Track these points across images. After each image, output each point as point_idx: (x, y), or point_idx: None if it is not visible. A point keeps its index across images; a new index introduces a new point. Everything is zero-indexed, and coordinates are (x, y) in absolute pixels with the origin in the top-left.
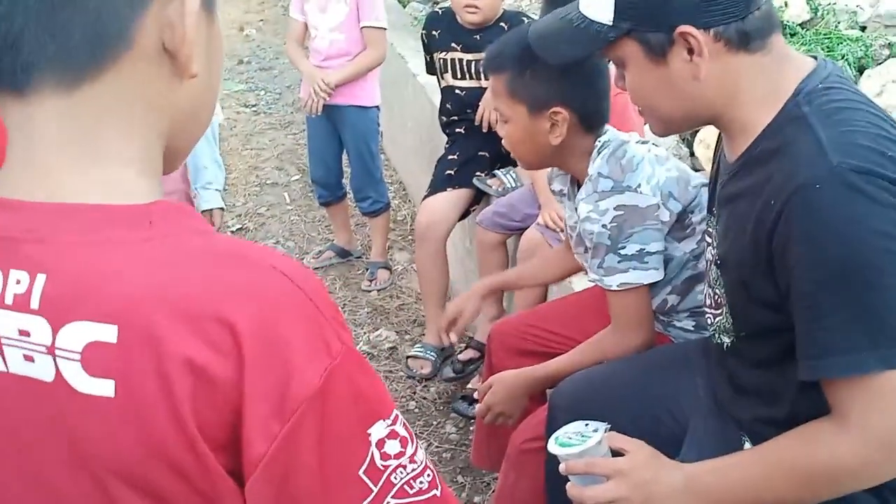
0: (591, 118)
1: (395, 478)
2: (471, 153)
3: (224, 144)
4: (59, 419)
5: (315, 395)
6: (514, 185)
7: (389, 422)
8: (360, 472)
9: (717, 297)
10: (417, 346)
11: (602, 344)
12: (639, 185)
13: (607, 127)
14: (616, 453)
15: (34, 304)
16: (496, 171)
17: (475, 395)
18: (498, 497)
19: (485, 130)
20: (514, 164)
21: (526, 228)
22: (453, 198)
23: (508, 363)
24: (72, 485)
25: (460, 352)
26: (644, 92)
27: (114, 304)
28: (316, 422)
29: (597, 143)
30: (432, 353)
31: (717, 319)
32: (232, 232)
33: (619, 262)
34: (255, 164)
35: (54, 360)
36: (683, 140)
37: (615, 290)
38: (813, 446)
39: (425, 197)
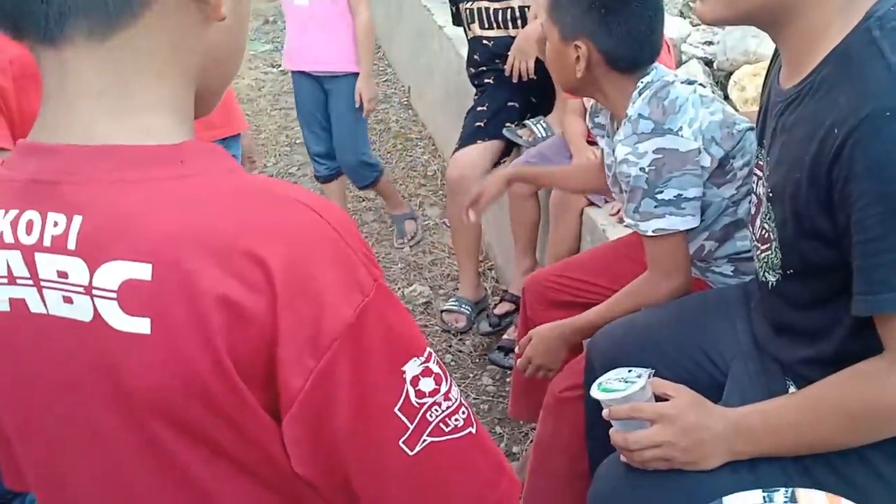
0: (621, 61)
1: (431, 415)
2: (500, 104)
3: (253, 105)
4: (99, 359)
5: (348, 330)
6: (544, 134)
7: (423, 359)
8: (396, 410)
9: (765, 231)
10: (452, 299)
11: (638, 291)
12: (680, 129)
13: (655, 65)
14: (659, 399)
15: (71, 245)
16: (526, 121)
17: (514, 347)
18: (536, 446)
19: (515, 81)
20: (545, 114)
21: None
22: (484, 150)
23: (544, 315)
24: (112, 423)
25: (495, 306)
26: None
27: (148, 242)
28: (351, 358)
29: (639, 83)
30: (467, 307)
31: (764, 255)
32: None
33: (655, 206)
34: (284, 123)
35: (92, 299)
36: (717, 83)
37: (651, 236)
38: (862, 385)
39: (455, 150)
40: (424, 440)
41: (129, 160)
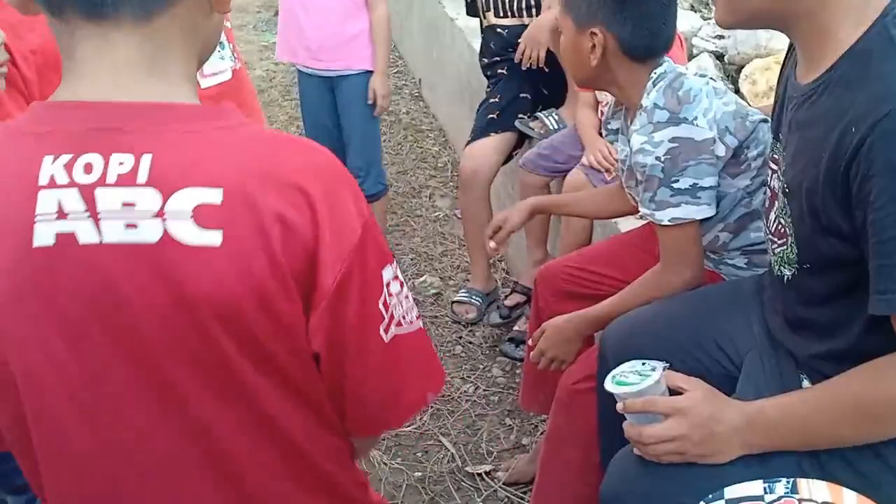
0: (636, 49)
1: (396, 311)
2: (513, 95)
3: (263, 95)
4: (162, 273)
5: (359, 242)
6: (556, 126)
7: (393, 267)
8: (379, 304)
9: (781, 226)
10: (462, 291)
11: (651, 282)
12: (695, 118)
13: (665, 58)
14: (673, 392)
15: (141, 179)
16: (538, 114)
17: (524, 338)
18: (548, 439)
19: (524, 68)
20: (557, 106)
21: (569, 170)
22: (496, 142)
23: (556, 307)
24: (169, 332)
25: (506, 297)
26: None
27: (216, 174)
28: (359, 263)
29: (652, 74)
30: (477, 298)
31: (780, 250)
32: None
33: (671, 195)
34: (295, 114)
35: (163, 222)
36: (728, 77)
37: (666, 226)
38: (879, 381)
39: (468, 142)
40: (392, 330)
41: (182, 114)
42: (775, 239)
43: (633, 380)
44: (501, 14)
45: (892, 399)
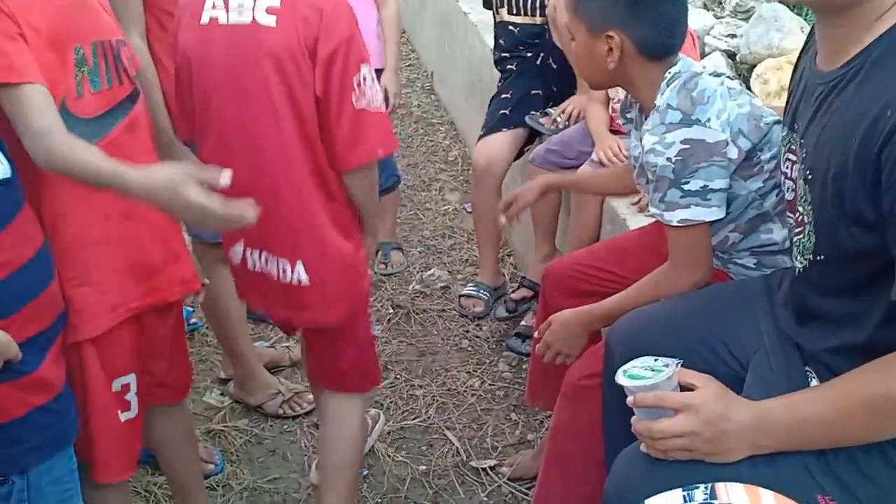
0: (653, 48)
1: (367, 94)
2: (524, 92)
3: None
4: (251, 36)
5: (343, 40)
6: (566, 122)
7: (369, 68)
8: (354, 81)
9: (800, 215)
10: (470, 285)
11: (658, 281)
12: (708, 120)
13: (680, 56)
14: (683, 389)
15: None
16: (549, 110)
17: (531, 333)
18: (553, 434)
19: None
20: None
21: (579, 166)
22: (509, 138)
23: (564, 303)
24: (252, 64)
25: (513, 291)
26: None
27: None
28: (343, 51)
29: (666, 73)
30: (485, 293)
31: (797, 238)
32: None
33: (681, 197)
34: None
35: (254, 12)
36: (740, 76)
37: (675, 227)
38: (892, 377)
39: (480, 137)
40: (361, 104)
41: None
42: (796, 228)
43: (644, 374)
44: (514, 12)
45: None
